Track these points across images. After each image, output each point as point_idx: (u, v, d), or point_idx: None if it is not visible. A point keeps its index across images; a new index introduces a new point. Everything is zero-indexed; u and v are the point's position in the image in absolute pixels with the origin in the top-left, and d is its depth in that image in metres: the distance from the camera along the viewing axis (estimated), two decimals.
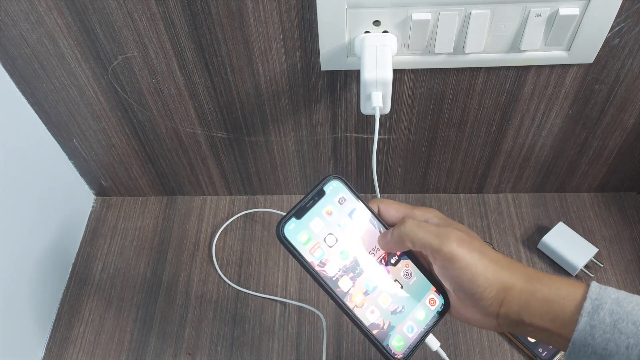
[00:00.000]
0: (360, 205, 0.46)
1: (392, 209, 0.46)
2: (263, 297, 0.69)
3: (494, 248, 0.71)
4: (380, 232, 0.46)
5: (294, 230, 0.44)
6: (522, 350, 0.63)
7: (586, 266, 0.68)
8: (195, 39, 0.55)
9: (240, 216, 0.77)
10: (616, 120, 0.64)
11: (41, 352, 0.67)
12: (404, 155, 0.70)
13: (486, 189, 0.76)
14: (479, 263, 0.41)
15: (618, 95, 0.60)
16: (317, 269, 0.44)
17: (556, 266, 0.70)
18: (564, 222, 0.71)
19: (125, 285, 0.71)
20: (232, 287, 0.70)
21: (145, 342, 0.67)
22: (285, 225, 0.44)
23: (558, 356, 0.62)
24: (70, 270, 0.73)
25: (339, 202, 0.46)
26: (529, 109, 0.62)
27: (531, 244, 0.72)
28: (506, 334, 0.64)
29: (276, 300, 0.69)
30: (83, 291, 0.71)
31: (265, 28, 0.54)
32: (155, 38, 0.55)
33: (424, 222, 0.43)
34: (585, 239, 0.70)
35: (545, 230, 0.71)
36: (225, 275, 0.71)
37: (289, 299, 0.69)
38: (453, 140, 0.67)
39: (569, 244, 0.69)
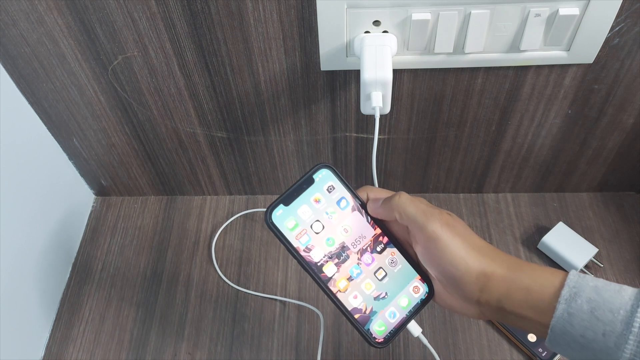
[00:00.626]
0: (348, 193, 0.47)
1: (381, 197, 0.47)
2: (262, 297, 0.69)
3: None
4: (368, 220, 0.47)
5: (281, 217, 0.45)
6: (522, 349, 0.63)
7: (586, 266, 0.68)
8: (195, 39, 0.55)
9: (240, 216, 0.77)
10: (615, 120, 0.64)
11: (41, 351, 0.67)
12: (404, 155, 0.70)
13: (485, 188, 0.76)
14: (461, 247, 0.42)
15: (617, 95, 0.60)
16: (303, 254, 0.45)
17: (556, 266, 0.70)
18: (563, 222, 0.71)
19: (125, 284, 0.72)
20: (232, 286, 0.70)
21: (145, 341, 0.67)
22: (273, 211, 0.45)
23: (558, 356, 0.62)
24: (70, 269, 0.74)
25: (327, 190, 0.47)
26: (528, 108, 0.62)
27: (530, 243, 0.72)
28: (503, 331, 0.64)
29: (276, 300, 0.69)
30: (83, 290, 0.72)
31: (265, 28, 0.54)
32: (155, 38, 0.55)
33: (417, 200, 0.44)
34: (584, 238, 0.70)
35: (544, 229, 0.71)
36: (224, 275, 0.71)
37: (289, 298, 0.69)
38: (452, 140, 0.68)
39: (569, 244, 0.69)
